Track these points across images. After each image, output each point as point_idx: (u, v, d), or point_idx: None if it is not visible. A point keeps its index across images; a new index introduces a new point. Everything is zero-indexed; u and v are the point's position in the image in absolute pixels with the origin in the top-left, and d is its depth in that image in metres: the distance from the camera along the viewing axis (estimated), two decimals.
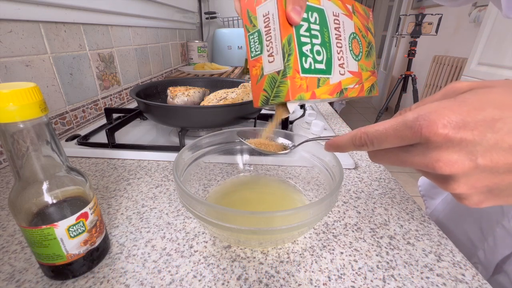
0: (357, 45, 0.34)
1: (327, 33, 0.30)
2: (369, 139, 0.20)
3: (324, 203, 0.24)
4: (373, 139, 0.20)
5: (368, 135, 0.20)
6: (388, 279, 0.26)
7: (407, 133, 0.18)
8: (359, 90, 0.33)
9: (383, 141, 0.19)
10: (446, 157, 0.17)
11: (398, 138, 0.18)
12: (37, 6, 0.49)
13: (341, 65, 0.31)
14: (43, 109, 0.20)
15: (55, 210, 0.23)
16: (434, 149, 0.17)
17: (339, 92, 0.30)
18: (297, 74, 0.26)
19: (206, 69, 1.15)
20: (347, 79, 0.31)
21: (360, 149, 0.22)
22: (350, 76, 0.31)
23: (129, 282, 0.25)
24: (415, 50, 2.48)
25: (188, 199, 0.25)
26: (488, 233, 0.40)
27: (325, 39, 0.30)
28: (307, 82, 0.27)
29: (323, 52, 0.29)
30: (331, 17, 0.31)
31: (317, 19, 0.29)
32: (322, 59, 0.29)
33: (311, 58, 0.28)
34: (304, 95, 0.27)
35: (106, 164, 0.47)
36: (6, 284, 0.25)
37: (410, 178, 2.20)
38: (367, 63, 0.35)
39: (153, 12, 0.95)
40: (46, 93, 0.53)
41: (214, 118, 0.49)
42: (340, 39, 0.32)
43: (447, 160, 0.17)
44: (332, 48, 0.30)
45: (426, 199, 0.57)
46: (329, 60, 0.30)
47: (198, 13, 1.53)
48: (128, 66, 0.82)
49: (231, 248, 0.30)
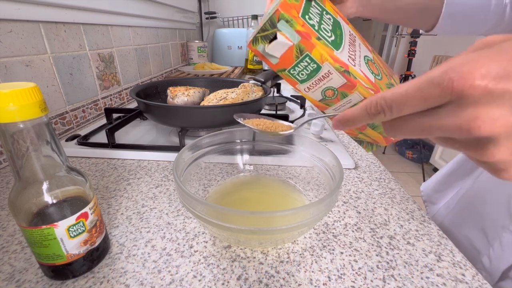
0: (375, 68, 0.31)
1: (340, 31, 0.28)
2: (387, 104, 0.17)
3: (324, 203, 0.24)
4: (392, 103, 0.16)
5: (386, 100, 0.17)
6: (388, 279, 0.26)
7: (435, 91, 0.15)
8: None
9: (404, 105, 0.16)
10: (485, 113, 0.14)
11: (423, 99, 0.15)
12: (37, 6, 0.49)
13: (352, 56, 0.28)
14: (43, 109, 0.20)
15: (55, 210, 0.23)
16: (469, 105, 0.14)
17: (346, 71, 0.26)
18: (293, 11, 0.24)
19: (206, 69, 1.15)
20: (358, 74, 0.27)
21: (375, 120, 0.18)
22: (362, 74, 0.27)
23: (129, 282, 0.25)
24: (415, 50, 2.48)
25: (188, 199, 0.25)
26: (494, 238, 0.39)
27: (336, 32, 0.28)
28: (305, 27, 0.24)
29: (332, 34, 0.27)
30: (346, 27, 0.30)
31: (331, 19, 0.28)
32: (330, 35, 0.27)
33: (316, 22, 0.26)
34: (294, 22, 0.24)
35: (106, 164, 0.47)
36: (6, 284, 0.25)
37: (410, 178, 2.20)
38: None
39: (153, 12, 0.95)
40: (46, 93, 0.53)
41: (214, 118, 0.49)
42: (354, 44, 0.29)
43: (487, 117, 0.14)
44: (344, 38, 0.28)
45: (427, 204, 0.57)
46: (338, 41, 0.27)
47: (198, 13, 1.53)
48: (128, 66, 0.82)
49: (231, 248, 0.30)
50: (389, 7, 0.39)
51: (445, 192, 0.53)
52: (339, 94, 0.27)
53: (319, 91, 0.27)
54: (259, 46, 0.26)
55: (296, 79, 0.27)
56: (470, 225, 0.43)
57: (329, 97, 0.28)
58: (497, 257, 0.38)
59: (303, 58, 0.25)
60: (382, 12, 0.40)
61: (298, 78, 0.27)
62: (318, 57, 0.25)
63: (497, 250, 0.38)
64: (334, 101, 0.28)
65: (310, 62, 0.25)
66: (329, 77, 0.26)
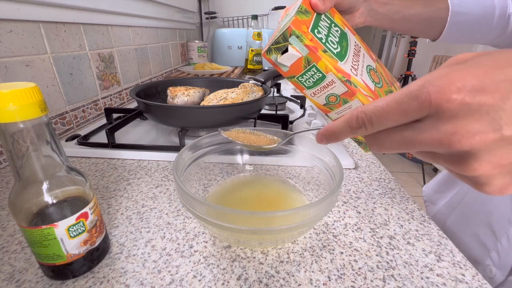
0: (375, 75, 0.34)
1: (346, 42, 0.32)
2: (367, 117, 0.17)
3: (324, 203, 0.24)
4: (372, 116, 0.17)
5: (366, 113, 0.17)
6: (388, 279, 0.26)
7: (413, 105, 0.15)
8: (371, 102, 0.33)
9: (384, 118, 0.16)
10: (464, 127, 0.14)
11: (402, 112, 0.15)
12: (37, 6, 0.49)
13: (355, 66, 0.31)
14: (43, 109, 0.20)
15: (55, 210, 0.23)
16: (448, 119, 0.14)
17: (347, 81, 0.28)
18: (303, 26, 0.28)
19: (206, 69, 1.15)
20: (359, 83, 0.30)
21: (357, 134, 0.18)
22: (363, 83, 0.30)
23: (129, 282, 0.25)
24: (415, 50, 2.48)
25: (188, 199, 0.25)
26: (501, 233, 0.39)
27: (343, 44, 0.31)
28: (313, 41, 0.28)
29: (338, 46, 0.30)
30: (352, 38, 0.34)
31: (339, 31, 0.32)
32: (336, 47, 0.30)
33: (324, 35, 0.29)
34: (304, 37, 0.27)
35: (106, 164, 0.47)
36: (6, 284, 0.25)
37: (410, 178, 2.20)
38: None
39: (153, 12, 0.95)
40: (46, 93, 0.53)
41: (214, 118, 0.49)
42: (358, 54, 0.33)
43: (465, 131, 0.14)
44: (349, 49, 0.31)
45: (428, 204, 0.57)
46: (343, 53, 0.30)
47: (198, 13, 1.53)
48: (128, 66, 0.82)
49: (231, 248, 0.30)
50: (396, 18, 0.40)
51: (445, 192, 0.53)
52: (341, 100, 0.30)
53: (323, 96, 0.31)
54: (272, 56, 0.30)
55: (303, 85, 0.31)
56: (477, 222, 0.44)
57: (332, 102, 0.31)
58: (505, 251, 0.38)
59: (310, 68, 0.29)
60: (389, 22, 0.41)
61: (306, 84, 0.30)
62: (323, 68, 0.28)
63: (505, 244, 0.38)
64: (336, 106, 0.31)
65: (316, 71, 0.29)
66: (333, 85, 0.29)
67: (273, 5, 1.52)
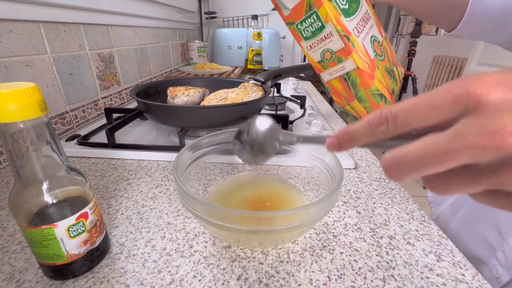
0: (379, 48, 0.33)
1: (356, 5, 0.31)
2: (392, 113, 0.15)
3: (324, 203, 0.24)
4: (398, 112, 0.15)
5: (392, 110, 0.15)
6: (388, 279, 0.26)
7: (446, 97, 0.13)
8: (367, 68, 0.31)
9: (411, 113, 0.14)
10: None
11: (433, 107, 0.14)
12: (37, 6, 0.49)
13: (359, 29, 0.30)
14: (43, 109, 0.20)
15: (55, 210, 0.23)
16: (493, 114, 0.12)
17: (346, 36, 0.28)
18: None
19: (206, 69, 1.15)
20: (357, 44, 0.29)
21: (377, 133, 0.16)
22: (362, 46, 0.30)
23: (129, 282, 0.25)
24: (415, 50, 2.48)
25: (188, 199, 0.25)
26: (508, 234, 0.39)
27: (353, 4, 0.31)
28: None
29: (347, 3, 0.30)
30: (365, 5, 0.33)
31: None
32: (344, 3, 0.29)
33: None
34: None
35: (106, 164, 0.47)
36: (6, 284, 0.25)
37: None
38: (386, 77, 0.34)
39: (153, 12, 0.95)
40: (46, 93, 0.53)
41: (214, 118, 0.49)
42: (366, 21, 0.32)
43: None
44: (358, 12, 0.30)
45: (433, 205, 0.57)
46: (350, 12, 0.30)
47: (198, 13, 1.53)
48: (128, 66, 0.82)
49: (231, 248, 0.30)
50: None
51: None
52: (335, 58, 0.30)
53: (319, 51, 0.31)
54: None
55: (301, 34, 0.30)
56: (482, 222, 0.43)
57: (327, 60, 0.31)
58: (511, 251, 0.38)
59: (311, 15, 0.28)
60: (409, 1, 0.39)
61: (304, 34, 0.30)
62: (324, 15, 0.28)
63: (511, 244, 0.38)
64: (330, 65, 0.31)
65: (316, 19, 0.28)
66: (330, 38, 0.29)
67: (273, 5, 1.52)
